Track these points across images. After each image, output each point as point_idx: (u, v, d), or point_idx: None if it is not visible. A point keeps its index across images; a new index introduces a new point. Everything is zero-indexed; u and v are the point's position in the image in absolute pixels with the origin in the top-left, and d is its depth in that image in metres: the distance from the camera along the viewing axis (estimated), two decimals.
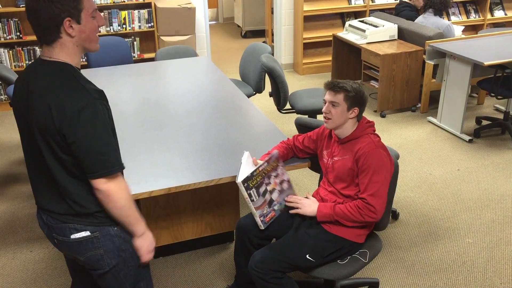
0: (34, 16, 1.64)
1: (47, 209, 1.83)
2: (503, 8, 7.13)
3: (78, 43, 1.72)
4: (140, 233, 1.86)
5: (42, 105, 1.66)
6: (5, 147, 4.78)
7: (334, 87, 2.37)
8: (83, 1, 1.68)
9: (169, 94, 3.72)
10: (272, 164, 2.46)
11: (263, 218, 2.44)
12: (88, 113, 1.63)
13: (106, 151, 1.68)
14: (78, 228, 1.80)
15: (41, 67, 1.72)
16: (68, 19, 1.66)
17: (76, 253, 1.85)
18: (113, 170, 1.70)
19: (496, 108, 5.45)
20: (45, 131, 1.67)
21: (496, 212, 3.61)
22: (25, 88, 1.73)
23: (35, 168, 1.81)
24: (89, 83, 1.71)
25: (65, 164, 1.71)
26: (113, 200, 1.73)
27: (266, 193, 2.43)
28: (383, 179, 2.32)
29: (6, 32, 5.40)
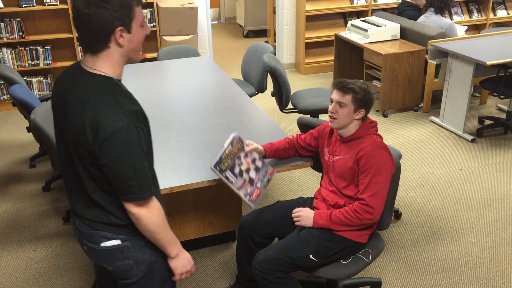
0: (85, 22, 1.57)
1: (80, 215, 1.80)
2: (506, 8, 7.12)
3: (125, 53, 1.67)
4: (173, 255, 1.82)
5: (77, 120, 1.61)
6: (8, 146, 4.79)
7: (343, 87, 2.35)
8: (135, 10, 1.64)
9: (171, 94, 3.72)
10: (236, 146, 2.48)
11: (249, 197, 2.49)
12: (121, 136, 1.58)
13: (136, 176, 1.63)
14: (109, 237, 1.77)
15: (81, 77, 1.66)
16: (120, 28, 1.61)
17: (105, 262, 1.81)
18: (141, 196, 1.66)
19: (498, 107, 5.44)
20: (78, 145, 1.64)
21: (499, 211, 3.60)
22: (63, 96, 1.69)
23: (68, 174, 1.78)
24: (129, 101, 1.65)
25: (97, 179, 1.68)
26: (143, 223, 1.70)
27: (242, 173, 2.48)
28: (384, 180, 2.32)
29: (8, 32, 5.41)
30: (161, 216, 1.73)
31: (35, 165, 4.38)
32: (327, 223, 2.38)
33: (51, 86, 5.78)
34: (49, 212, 3.71)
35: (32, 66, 5.61)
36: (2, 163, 4.46)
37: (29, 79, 5.66)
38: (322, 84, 6.28)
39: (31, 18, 5.59)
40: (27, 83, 5.64)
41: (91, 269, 3.10)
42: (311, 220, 2.43)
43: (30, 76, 5.70)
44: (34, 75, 5.75)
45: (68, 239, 3.40)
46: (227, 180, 2.39)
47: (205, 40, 6.36)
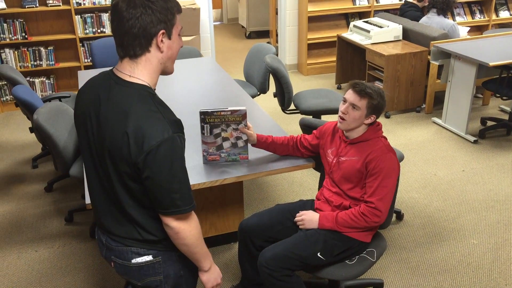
0: (129, 24, 1.52)
1: (109, 231, 1.75)
2: (508, 9, 7.10)
3: (163, 60, 1.62)
4: (206, 268, 1.80)
5: (118, 131, 1.54)
6: (10, 147, 4.80)
7: (361, 91, 2.33)
8: (176, 17, 1.60)
9: (173, 95, 3.73)
10: (235, 117, 2.53)
11: (206, 154, 2.64)
12: (166, 148, 1.52)
13: (180, 189, 1.59)
14: (141, 253, 1.72)
15: (117, 86, 1.59)
16: (163, 31, 1.56)
17: (135, 278, 1.78)
18: (184, 210, 1.61)
19: (501, 108, 5.43)
20: (117, 158, 1.57)
21: (501, 213, 3.59)
22: (96, 106, 1.61)
23: (99, 188, 1.71)
24: (168, 111, 1.60)
25: (134, 193, 1.63)
26: (181, 237, 1.66)
27: (218, 136, 2.59)
28: (392, 184, 2.32)
29: (11, 33, 5.43)
30: (199, 230, 1.70)
31: (37, 165, 4.39)
32: (333, 225, 2.38)
33: (53, 86, 5.79)
34: (51, 213, 3.71)
35: (34, 66, 5.62)
36: (4, 164, 4.47)
37: (31, 80, 5.68)
38: (324, 85, 6.28)
39: (34, 18, 5.60)
40: (30, 83, 5.65)
41: (94, 269, 3.11)
42: (315, 223, 2.43)
43: (33, 77, 5.72)
44: (37, 75, 5.77)
45: (70, 240, 3.40)
46: (201, 129, 2.56)
47: (207, 41, 6.37)
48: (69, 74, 5.96)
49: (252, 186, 3.98)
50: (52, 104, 3.24)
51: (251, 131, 2.61)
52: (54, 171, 4.28)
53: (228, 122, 2.55)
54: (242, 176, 2.57)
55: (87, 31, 5.64)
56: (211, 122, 2.54)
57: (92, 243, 3.36)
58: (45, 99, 4.26)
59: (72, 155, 3.19)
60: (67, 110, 3.33)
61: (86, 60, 5.77)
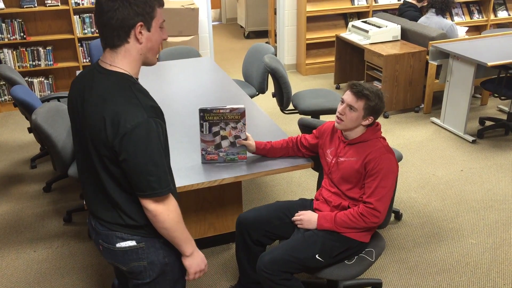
0: (107, 14, 1.61)
1: (96, 215, 1.82)
2: (507, 9, 7.11)
3: (143, 51, 1.69)
4: (188, 253, 1.83)
5: (97, 116, 1.63)
6: (9, 147, 4.79)
7: (358, 92, 2.33)
8: (156, 10, 1.67)
9: (172, 95, 3.73)
10: (234, 115, 2.54)
11: (204, 153, 2.64)
12: (141, 131, 1.59)
13: (155, 171, 1.64)
14: (125, 237, 1.78)
15: (100, 75, 1.68)
16: (140, 24, 1.64)
17: (120, 262, 1.83)
18: (160, 192, 1.66)
19: (499, 108, 5.44)
20: (98, 142, 1.65)
21: (499, 213, 3.60)
22: (81, 94, 1.70)
23: (86, 174, 1.79)
24: (146, 97, 1.67)
25: (115, 177, 1.69)
26: (160, 221, 1.70)
27: (217, 135, 2.58)
28: (391, 184, 2.32)
29: (10, 33, 5.42)
30: (178, 213, 1.74)
31: (36, 165, 4.39)
32: (331, 225, 2.39)
33: (52, 86, 5.79)
34: (50, 213, 3.71)
35: (33, 66, 5.61)
36: (3, 164, 4.46)
37: (30, 80, 5.67)
38: (323, 85, 6.28)
39: (32, 19, 5.60)
40: (28, 83, 5.65)
41: (92, 269, 3.11)
42: (314, 223, 2.43)
43: (31, 77, 5.71)
44: (35, 75, 5.76)
45: (69, 240, 3.40)
46: (200, 127, 2.56)
47: (206, 41, 6.37)
48: (67, 74, 5.95)
49: (250, 186, 3.98)
50: (50, 104, 3.24)
51: (249, 140, 2.61)
52: (53, 171, 4.27)
53: (227, 120, 2.55)
54: (241, 176, 2.57)
55: (86, 31, 5.64)
56: (210, 120, 2.54)
57: (90, 243, 3.35)
58: (43, 99, 4.26)
59: (71, 155, 3.18)
60: (65, 110, 3.32)
61: (84, 60, 5.76)
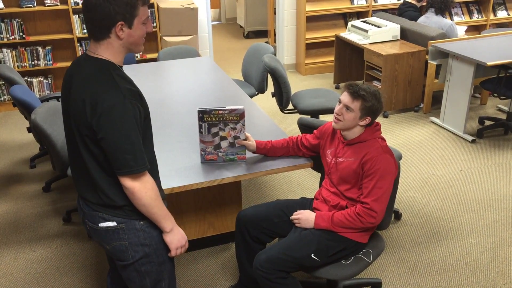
0: (90, 11, 1.71)
1: (82, 196, 1.93)
2: (506, 9, 7.11)
3: (125, 45, 1.79)
4: (168, 229, 1.92)
5: (78, 98, 1.74)
6: (8, 147, 4.79)
7: (354, 93, 2.33)
8: (139, 9, 1.75)
9: (171, 94, 3.72)
10: (233, 116, 2.54)
11: (203, 153, 2.64)
12: (117, 111, 1.69)
13: (132, 150, 1.73)
14: (106, 218, 1.88)
15: (85, 62, 1.80)
16: (121, 23, 1.73)
17: (103, 241, 1.93)
18: (137, 169, 1.76)
19: (499, 108, 5.44)
20: (79, 122, 1.75)
21: (499, 212, 3.60)
22: (69, 80, 1.82)
23: (73, 156, 1.90)
24: (125, 82, 1.76)
25: (96, 157, 1.79)
26: (137, 198, 1.79)
27: (216, 135, 2.58)
28: (388, 185, 2.32)
29: (9, 33, 5.41)
30: (155, 191, 1.83)
31: (35, 165, 4.39)
32: (328, 225, 2.39)
33: (51, 86, 5.78)
34: (49, 213, 3.71)
35: (32, 66, 5.61)
36: (2, 164, 4.46)
37: (29, 80, 5.66)
38: (322, 85, 6.28)
39: (31, 18, 5.59)
40: (28, 83, 5.64)
41: (92, 269, 3.11)
42: (311, 222, 2.43)
43: (31, 77, 5.71)
44: (35, 75, 5.75)
45: (68, 240, 3.40)
46: (199, 128, 2.56)
47: (205, 41, 6.37)
48: None
49: (250, 186, 3.98)
50: (50, 104, 3.23)
51: (249, 140, 2.61)
52: (52, 171, 4.27)
53: (226, 121, 2.55)
54: (240, 175, 2.57)
55: (85, 31, 5.63)
56: (209, 120, 2.54)
57: (90, 243, 3.35)
58: (43, 99, 4.25)
59: None
60: None
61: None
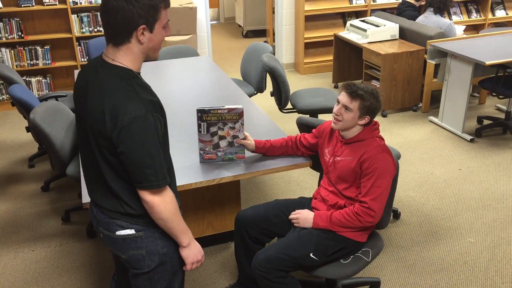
0: (111, 14, 1.63)
1: (97, 203, 1.87)
2: (504, 8, 7.12)
3: (144, 50, 1.73)
4: (185, 244, 1.87)
5: (97, 108, 1.67)
6: (7, 146, 4.79)
7: (353, 92, 2.33)
8: (161, 12, 1.70)
9: (170, 94, 3.72)
10: (232, 115, 2.54)
11: (202, 152, 2.64)
12: (138, 124, 1.63)
13: (152, 164, 1.68)
14: (124, 226, 1.83)
15: (102, 68, 1.72)
16: (143, 27, 1.67)
17: (119, 250, 1.87)
18: (157, 184, 1.71)
19: (497, 107, 5.45)
20: (97, 133, 1.69)
21: (497, 211, 3.61)
22: (84, 86, 1.76)
23: (87, 163, 1.85)
24: (146, 92, 1.70)
25: (114, 167, 1.74)
26: (156, 212, 1.75)
27: (215, 135, 2.58)
28: (386, 184, 2.32)
29: (8, 32, 5.41)
30: (174, 205, 1.78)
31: (34, 165, 4.38)
32: (327, 224, 2.39)
33: (50, 86, 5.78)
34: (48, 212, 3.71)
35: (31, 66, 5.60)
36: (1, 163, 4.45)
37: (28, 79, 5.66)
38: (321, 84, 6.28)
39: (30, 18, 5.59)
40: (26, 83, 5.64)
41: (91, 269, 3.11)
42: (310, 222, 2.43)
43: (29, 76, 5.70)
44: (33, 75, 5.75)
45: (67, 239, 3.40)
46: (198, 127, 2.55)
47: (204, 40, 6.36)
48: (65, 73, 5.94)
49: (249, 185, 3.98)
50: (48, 103, 3.23)
51: (248, 140, 2.61)
52: (51, 170, 4.27)
53: (225, 121, 2.55)
54: (239, 175, 2.57)
55: (84, 30, 5.63)
56: (208, 120, 2.54)
57: (89, 243, 3.35)
58: (41, 98, 4.25)
59: (69, 154, 3.18)
60: (63, 109, 3.32)
61: (82, 59, 5.76)
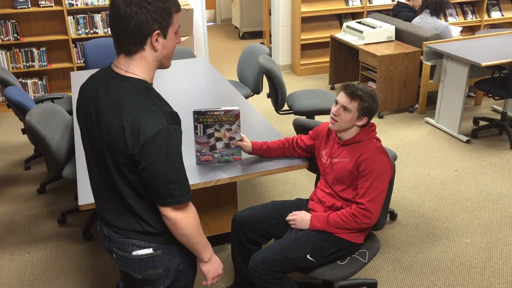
0: (124, 21, 1.55)
1: (110, 223, 1.78)
2: (500, 9, 7.15)
3: (158, 58, 1.65)
4: (206, 259, 1.81)
5: (114, 124, 1.58)
6: (2, 149, 4.77)
7: (352, 93, 2.34)
8: (174, 17, 1.62)
9: (166, 95, 3.72)
10: (228, 117, 2.54)
11: (199, 154, 2.64)
12: (161, 139, 1.55)
13: (176, 179, 1.61)
14: (142, 245, 1.75)
15: (114, 80, 1.63)
16: (158, 32, 1.59)
17: (135, 271, 1.79)
18: (181, 200, 1.63)
19: (493, 108, 5.46)
20: (115, 150, 1.60)
21: (493, 212, 3.61)
22: (94, 100, 1.65)
23: (100, 181, 1.75)
24: (163, 104, 1.62)
25: (133, 185, 1.65)
26: (180, 228, 1.68)
27: (211, 136, 2.58)
28: (383, 185, 2.32)
29: (3, 34, 5.40)
30: (197, 220, 1.72)
31: (30, 167, 4.37)
32: (324, 226, 2.39)
33: (46, 88, 5.77)
34: (44, 215, 3.69)
35: (27, 67, 5.59)
36: None
37: (24, 81, 5.64)
38: (317, 86, 6.29)
39: (26, 19, 5.57)
40: (22, 85, 5.62)
41: (87, 271, 3.10)
42: (307, 223, 2.43)
43: (25, 78, 5.69)
44: (29, 76, 5.73)
45: (63, 242, 3.39)
46: (194, 129, 2.56)
47: (200, 42, 6.36)
48: (61, 75, 5.93)
49: (246, 187, 3.98)
50: (44, 105, 3.22)
51: (245, 141, 2.61)
52: (47, 172, 4.26)
53: (222, 122, 2.55)
54: (236, 176, 2.57)
55: (80, 32, 5.62)
56: (204, 122, 2.54)
57: (85, 245, 3.34)
58: (37, 100, 4.24)
59: (65, 156, 3.17)
60: (59, 112, 3.31)
61: (78, 61, 5.75)
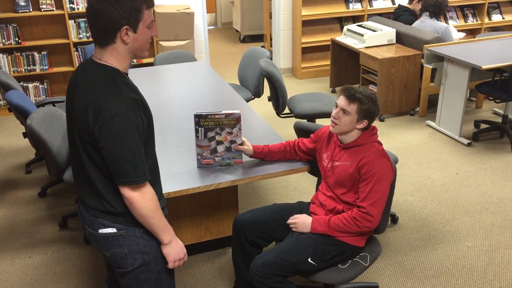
0: (95, 17, 1.69)
1: (82, 201, 1.91)
2: (501, 12, 7.15)
3: (130, 50, 1.78)
4: (166, 241, 1.89)
5: (81, 105, 1.73)
6: (4, 152, 4.77)
7: (351, 96, 2.34)
8: (144, 12, 1.74)
9: (168, 99, 3.72)
10: (229, 120, 2.54)
11: (200, 157, 2.64)
12: (119, 120, 1.67)
13: (132, 160, 1.71)
14: (106, 224, 1.86)
15: (90, 67, 1.79)
16: (126, 27, 1.71)
17: (102, 248, 1.90)
18: (136, 180, 1.74)
19: (494, 111, 5.46)
20: (81, 129, 1.74)
21: (495, 215, 3.61)
22: (74, 86, 1.81)
23: (74, 161, 1.89)
24: (130, 90, 1.75)
25: (97, 163, 1.77)
26: (136, 208, 1.78)
27: (213, 140, 2.59)
28: (384, 189, 2.32)
29: (5, 38, 5.41)
30: (154, 202, 1.81)
31: (31, 171, 4.37)
32: (325, 229, 2.39)
33: (47, 91, 5.77)
34: (45, 218, 3.69)
35: (28, 71, 5.60)
36: None
37: (25, 85, 5.65)
38: (318, 89, 6.29)
39: (27, 23, 5.59)
40: (23, 88, 5.63)
41: (88, 275, 3.09)
42: (308, 227, 2.43)
43: (26, 82, 5.70)
44: (30, 80, 5.74)
45: (64, 245, 3.38)
46: (195, 132, 2.57)
47: (201, 45, 6.37)
48: (62, 79, 5.94)
49: (247, 190, 3.97)
50: (45, 109, 3.23)
51: (246, 145, 2.61)
52: (48, 176, 4.26)
53: (223, 126, 2.55)
54: (237, 180, 2.57)
55: (81, 36, 5.63)
56: (205, 125, 2.55)
57: (86, 249, 3.34)
58: (38, 104, 4.24)
59: (66, 160, 3.17)
60: (60, 115, 3.31)
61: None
